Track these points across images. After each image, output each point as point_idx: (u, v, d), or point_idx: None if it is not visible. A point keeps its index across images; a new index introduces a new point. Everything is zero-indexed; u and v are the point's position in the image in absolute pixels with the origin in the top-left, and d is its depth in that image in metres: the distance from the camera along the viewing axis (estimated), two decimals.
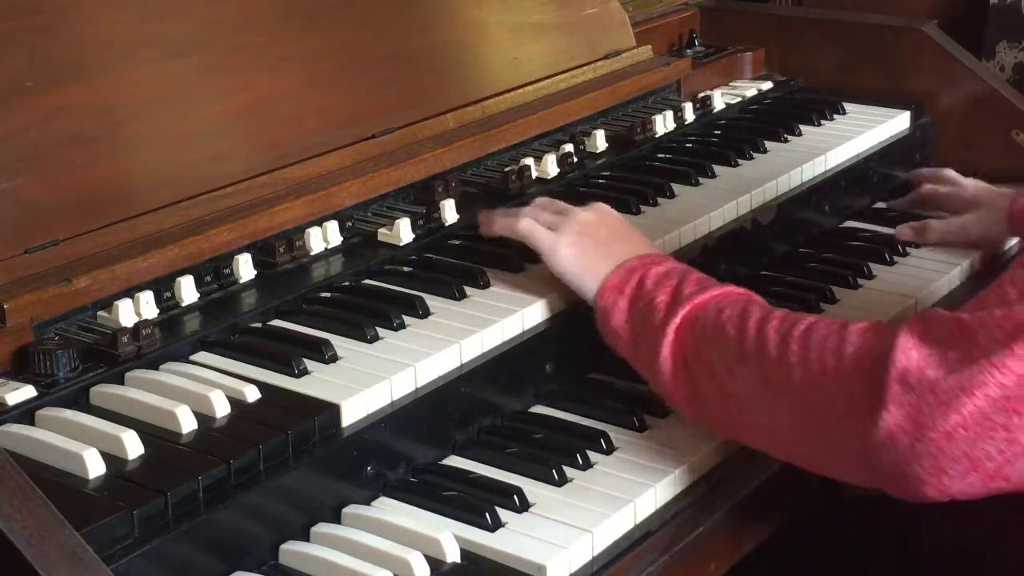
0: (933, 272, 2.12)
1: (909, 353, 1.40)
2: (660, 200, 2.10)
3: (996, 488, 1.40)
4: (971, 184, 2.27)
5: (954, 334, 1.39)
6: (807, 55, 2.68)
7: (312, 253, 1.84)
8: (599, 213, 1.81)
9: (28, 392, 1.49)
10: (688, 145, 2.34)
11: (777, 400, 1.50)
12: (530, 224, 1.78)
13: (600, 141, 2.27)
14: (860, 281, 2.06)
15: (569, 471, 1.57)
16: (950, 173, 2.33)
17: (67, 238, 1.65)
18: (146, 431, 1.44)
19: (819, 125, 2.44)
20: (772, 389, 1.50)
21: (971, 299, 1.48)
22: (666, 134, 2.36)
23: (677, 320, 1.59)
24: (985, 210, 2.19)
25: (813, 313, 1.95)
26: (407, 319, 1.69)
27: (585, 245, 1.73)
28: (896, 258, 2.15)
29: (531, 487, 1.54)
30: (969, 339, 1.38)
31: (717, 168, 2.22)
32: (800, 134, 2.40)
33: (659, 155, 2.29)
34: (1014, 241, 2.23)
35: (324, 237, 1.86)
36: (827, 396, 1.45)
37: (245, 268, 1.76)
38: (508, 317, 1.71)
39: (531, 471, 1.57)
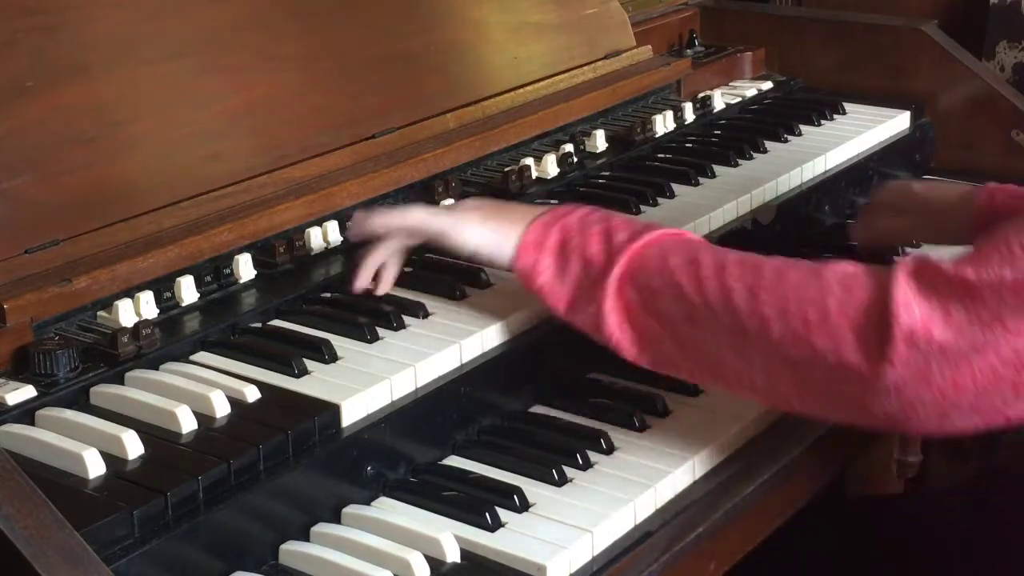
0: None
1: (911, 309, 1.38)
2: (660, 200, 2.10)
3: (995, 424, 1.41)
4: (919, 183, 2.12)
5: (958, 292, 1.37)
6: (807, 55, 2.68)
7: (312, 253, 1.84)
8: (487, 199, 1.75)
9: (28, 392, 1.49)
10: (688, 145, 2.34)
11: (751, 349, 1.48)
12: (422, 212, 1.69)
13: (600, 141, 2.27)
14: None
15: (569, 471, 1.57)
16: (900, 181, 2.19)
17: (67, 238, 1.65)
18: (146, 431, 1.44)
19: (819, 125, 2.44)
20: (745, 340, 1.47)
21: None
22: (666, 134, 2.36)
23: (618, 271, 1.54)
24: (934, 214, 2.01)
25: None
26: (407, 319, 1.69)
27: (488, 214, 1.67)
28: (896, 258, 2.14)
29: (531, 487, 1.54)
30: (977, 301, 1.36)
31: (717, 168, 2.22)
32: (800, 134, 2.40)
33: (659, 155, 2.29)
34: None
35: (324, 237, 1.86)
36: (814, 350, 1.43)
37: (245, 268, 1.76)
38: (509, 316, 1.71)
39: (531, 471, 1.57)
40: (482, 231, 1.66)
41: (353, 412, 1.52)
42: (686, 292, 1.51)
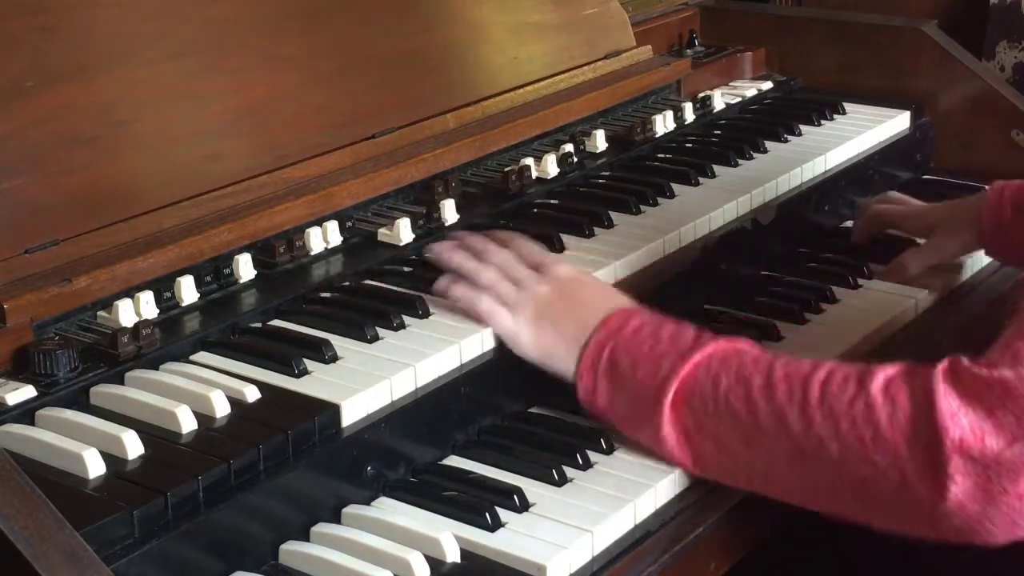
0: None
1: (959, 420, 1.37)
2: (660, 200, 2.10)
3: None
4: (921, 203, 2.16)
5: (999, 395, 1.37)
6: (807, 55, 2.68)
7: (312, 253, 1.84)
8: (558, 283, 1.68)
9: (28, 392, 1.49)
10: (688, 145, 2.34)
11: (810, 470, 1.47)
12: (490, 306, 1.67)
13: (600, 141, 2.27)
14: (860, 281, 2.06)
15: (569, 471, 1.57)
16: (895, 194, 2.23)
17: (67, 238, 1.65)
18: (146, 431, 1.44)
19: (819, 125, 2.44)
20: (803, 461, 1.47)
21: (997, 341, 1.43)
22: (666, 134, 2.36)
23: (669, 398, 1.54)
24: (950, 225, 2.07)
25: (813, 313, 1.95)
26: (407, 319, 1.69)
27: (542, 327, 1.64)
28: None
29: (531, 487, 1.54)
30: (1020, 400, 1.36)
31: (717, 168, 2.22)
32: (800, 134, 2.40)
33: (659, 155, 2.29)
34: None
35: (324, 237, 1.86)
36: (873, 468, 1.42)
37: (245, 268, 1.76)
38: None
39: (531, 471, 1.57)
40: (536, 349, 1.65)
41: (353, 412, 1.52)
42: (741, 417, 1.50)
